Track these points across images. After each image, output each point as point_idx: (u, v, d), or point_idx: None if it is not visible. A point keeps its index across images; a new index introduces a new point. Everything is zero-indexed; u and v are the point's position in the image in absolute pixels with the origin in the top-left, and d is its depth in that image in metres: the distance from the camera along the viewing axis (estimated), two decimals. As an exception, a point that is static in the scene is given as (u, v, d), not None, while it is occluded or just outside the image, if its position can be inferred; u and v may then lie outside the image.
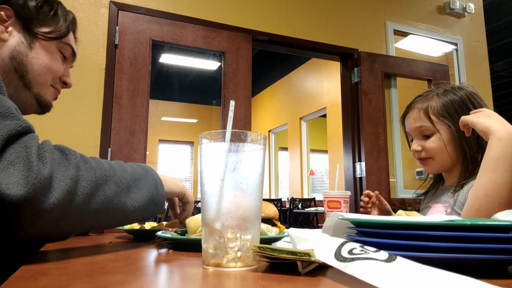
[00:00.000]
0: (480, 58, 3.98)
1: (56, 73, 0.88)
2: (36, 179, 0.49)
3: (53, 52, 0.87)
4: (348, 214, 0.70)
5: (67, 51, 0.91)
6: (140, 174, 0.71)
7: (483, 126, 0.90)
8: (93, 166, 0.60)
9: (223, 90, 2.81)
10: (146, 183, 0.71)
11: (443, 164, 1.14)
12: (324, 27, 3.26)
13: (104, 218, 0.62)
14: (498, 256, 0.41)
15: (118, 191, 0.63)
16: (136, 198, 0.67)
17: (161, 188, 0.75)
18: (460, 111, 1.10)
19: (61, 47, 0.89)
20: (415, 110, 1.17)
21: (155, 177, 0.75)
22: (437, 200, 1.19)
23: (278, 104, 9.03)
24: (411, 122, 1.18)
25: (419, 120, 1.15)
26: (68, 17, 0.90)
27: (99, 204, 0.59)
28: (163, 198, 0.76)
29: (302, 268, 0.43)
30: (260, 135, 0.51)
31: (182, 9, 2.76)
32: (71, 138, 2.32)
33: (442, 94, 1.15)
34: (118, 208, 0.63)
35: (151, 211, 0.73)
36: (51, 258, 0.57)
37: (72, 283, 0.39)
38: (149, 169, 0.76)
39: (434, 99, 1.15)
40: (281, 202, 7.17)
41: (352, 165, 3.26)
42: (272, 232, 0.74)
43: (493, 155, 0.86)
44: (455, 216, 0.74)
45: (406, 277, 0.31)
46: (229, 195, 0.48)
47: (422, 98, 1.18)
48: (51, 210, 0.52)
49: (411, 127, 1.18)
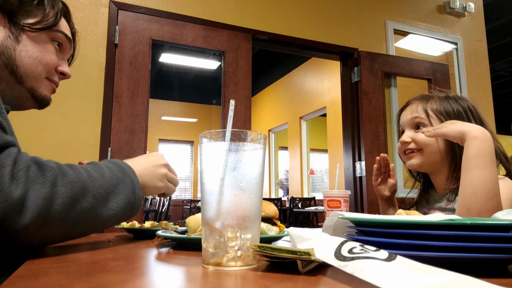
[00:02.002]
0: (480, 57, 3.98)
1: (48, 64, 0.84)
2: (7, 202, 0.50)
3: (43, 43, 0.82)
4: (348, 213, 0.70)
5: (61, 40, 0.87)
6: (118, 178, 0.69)
7: (455, 131, 0.93)
8: (71, 180, 0.59)
9: (223, 90, 2.81)
10: (123, 188, 0.70)
11: (429, 159, 1.11)
12: (324, 27, 3.26)
13: (78, 230, 0.64)
14: (498, 255, 0.41)
15: (95, 203, 0.63)
16: (112, 207, 0.67)
17: (139, 190, 0.74)
18: (458, 117, 1.09)
19: (53, 37, 0.84)
20: (414, 105, 1.17)
21: (132, 179, 0.73)
22: (432, 207, 1.17)
23: (278, 103, 9.03)
24: (407, 114, 1.17)
25: (416, 112, 1.14)
26: (56, 4, 0.85)
27: (74, 219, 0.60)
28: (140, 201, 0.74)
29: (302, 267, 0.43)
30: (260, 134, 0.51)
31: (182, 8, 2.75)
32: (71, 138, 2.32)
33: (443, 99, 1.14)
34: (94, 219, 0.64)
35: (127, 215, 0.72)
36: (51, 257, 0.57)
37: (72, 282, 0.40)
38: (127, 170, 0.73)
39: (435, 99, 1.14)
40: (281, 201, 7.17)
41: (352, 165, 3.26)
42: (272, 231, 0.74)
43: (473, 153, 0.89)
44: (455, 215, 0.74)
45: (406, 276, 0.31)
46: (229, 194, 0.48)
47: (423, 97, 1.18)
48: (23, 230, 0.53)
49: (405, 118, 1.17)
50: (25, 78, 0.80)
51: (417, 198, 1.27)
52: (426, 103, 1.14)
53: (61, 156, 2.25)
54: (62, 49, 0.89)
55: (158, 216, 7.17)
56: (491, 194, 0.85)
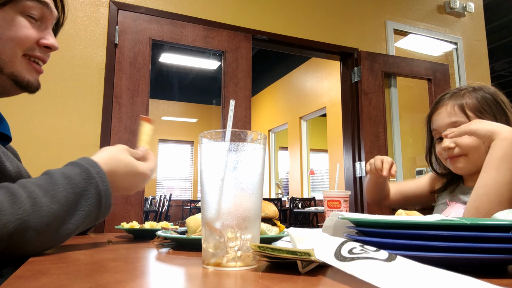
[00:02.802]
0: (480, 57, 3.98)
1: (24, 41, 0.73)
2: None
3: (11, 19, 0.71)
4: (348, 213, 0.70)
5: (35, 10, 0.74)
6: (78, 194, 0.61)
7: (485, 130, 0.89)
8: (5, 222, 0.51)
9: (223, 90, 2.81)
10: (84, 204, 0.62)
11: (477, 162, 1.05)
12: (324, 27, 3.26)
13: (25, 253, 0.57)
14: (498, 256, 0.41)
15: (38, 238, 0.56)
16: (67, 228, 0.61)
17: (107, 199, 0.66)
18: (493, 106, 1.06)
19: (22, 10, 0.73)
20: (448, 106, 1.11)
21: (98, 189, 0.64)
22: (455, 199, 1.15)
23: (278, 103, 9.03)
24: (444, 118, 1.11)
25: (454, 115, 1.08)
26: None
27: (16, 250, 0.55)
28: (108, 208, 0.68)
29: (302, 268, 0.43)
30: (260, 134, 0.51)
31: (182, 8, 2.75)
32: (71, 138, 2.32)
33: (473, 91, 1.10)
34: (44, 244, 0.59)
35: (89, 226, 0.68)
36: (51, 257, 0.57)
37: (72, 282, 0.39)
38: (92, 178, 0.64)
39: (467, 95, 1.09)
40: (281, 201, 7.17)
41: (352, 165, 3.26)
42: (272, 232, 0.74)
43: (497, 154, 0.85)
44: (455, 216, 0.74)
45: (406, 276, 0.31)
46: (229, 194, 0.48)
47: (453, 95, 1.13)
48: None
49: (442, 122, 1.11)
50: (2, 65, 0.72)
51: (440, 188, 1.23)
52: (462, 105, 1.08)
53: (61, 156, 2.25)
54: (41, 17, 0.77)
55: (158, 216, 7.18)
56: (504, 199, 0.83)
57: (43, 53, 0.78)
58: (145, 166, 0.78)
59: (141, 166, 0.76)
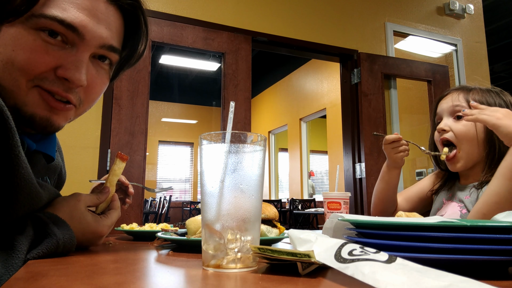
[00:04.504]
0: (480, 59, 3.98)
1: (28, 67, 0.56)
2: None
3: (20, 36, 0.55)
4: (348, 215, 0.70)
5: (56, 27, 0.56)
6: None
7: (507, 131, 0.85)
8: None
9: (223, 91, 2.81)
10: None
11: (469, 157, 1.06)
12: (324, 28, 3.26)
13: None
14: (498, 257, 0.41)
15: None
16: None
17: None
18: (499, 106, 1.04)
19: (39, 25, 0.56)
20: (455, 94, 1.13)
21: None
22: (452, 198, 1.15)
23: (278, 105, 9.04)
24: (447, 102, 1.12)
25: (457, 100, 1.10)
26: None
27: None
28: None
29: (302, 269, 0.43)
30: (260, 136, 0.51)
31: (182, 10, 2.76)
32: (71, 139, 2.32)
33: (485, 91, 1.10)
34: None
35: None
36: (50, 259, 0.57)
37: (72, 284, 0.39)
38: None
39: (477, 91, 1.10)
40: (281, 203, 7.17)
41: (352, 166, 3.26)
42: (272, 233, 0.74)
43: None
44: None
45: (406, 278, 0.31)
46: (229, 196, 0.48)
47: (464, 87, 1.14)
48: None
49: (445, 106, 1.12)
50: (4, 95, 0.56)
51: (438, 186, 1.23)
52: (467, 94, 1.10)
53: (61, 157, 2.25)
54: (70, 41, 0.59)
55: (157, 218, 7.17)
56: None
57: (61, 85, 0.59)
58: (101, 223, 0.68)
59: (94, 224, 0.66)
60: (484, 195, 0.88)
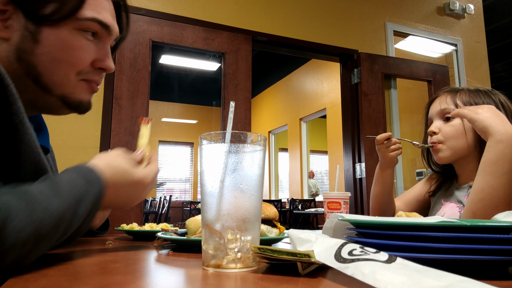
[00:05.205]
0: (480, 59, 3.98)
1: (77, 64, 0.67)
2: None
3: (65, 39, 0.65)
4: (348, 215, 0.70)
5: (93, 28, 0.68)
6: (79, 195, 0.51)
7: (482, 125, 0.87)
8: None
9: (223, 91, 2.81)
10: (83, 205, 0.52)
11: (456, 151, 1.08)
12: (324, 28, 3.26)
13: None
14: (498, 257, 0.41)
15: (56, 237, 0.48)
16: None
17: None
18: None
19: (81, 26, 0.66)
20: (442, 97, 1.15)
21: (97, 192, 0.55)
22: (450, 198, 1.15)
23: (278, 105, 9.04)
24: (436, 106, 1.15)
25: (445, 103, 1.12)
26: None
27: (36, 254, 0.46)
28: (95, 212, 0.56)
29: (302, 269, 0.43)
30: (260, 136, 0.51)
31: (182, 10, 2.76)
32: (71, 139, 2.32)
33: (473, 91, 1.12)
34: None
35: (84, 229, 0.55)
36: (51, 259, 0.57)
37: (72, 284, 0.39)
38: (89, 182, 0.54)
39: (465, 92, 1.12)
40: (281, 203, 7.17)
41: (352, 166, 3.26)
42: (272, 233, 0.74)
43: (491, 158, 0.83)
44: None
45: (406, 278, 0.31)
46: (229, 196, 0.48)
47: (452, 89, 1.16)
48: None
49: (434, 110, 1.15)
50: (52, 87, 0.66)
51: (434, 188, 1.24)
52: (455, 96, 1.12)
53: (61, 158, 2.24)
54: (100, 35, 0.70)
55: (157, 217, 7.17)
56: (500, 204, 0.81)
57: (98, 75, 0.72)
58: (142, 172, 0.66)
59: (137, 173, 0.64)
60: (471, 193, 0.88)
